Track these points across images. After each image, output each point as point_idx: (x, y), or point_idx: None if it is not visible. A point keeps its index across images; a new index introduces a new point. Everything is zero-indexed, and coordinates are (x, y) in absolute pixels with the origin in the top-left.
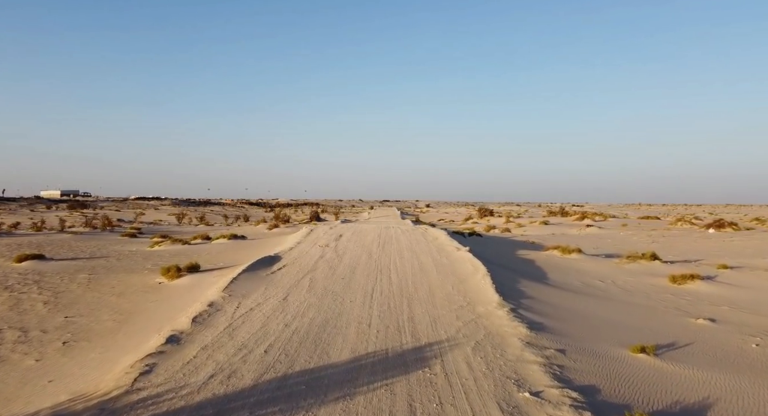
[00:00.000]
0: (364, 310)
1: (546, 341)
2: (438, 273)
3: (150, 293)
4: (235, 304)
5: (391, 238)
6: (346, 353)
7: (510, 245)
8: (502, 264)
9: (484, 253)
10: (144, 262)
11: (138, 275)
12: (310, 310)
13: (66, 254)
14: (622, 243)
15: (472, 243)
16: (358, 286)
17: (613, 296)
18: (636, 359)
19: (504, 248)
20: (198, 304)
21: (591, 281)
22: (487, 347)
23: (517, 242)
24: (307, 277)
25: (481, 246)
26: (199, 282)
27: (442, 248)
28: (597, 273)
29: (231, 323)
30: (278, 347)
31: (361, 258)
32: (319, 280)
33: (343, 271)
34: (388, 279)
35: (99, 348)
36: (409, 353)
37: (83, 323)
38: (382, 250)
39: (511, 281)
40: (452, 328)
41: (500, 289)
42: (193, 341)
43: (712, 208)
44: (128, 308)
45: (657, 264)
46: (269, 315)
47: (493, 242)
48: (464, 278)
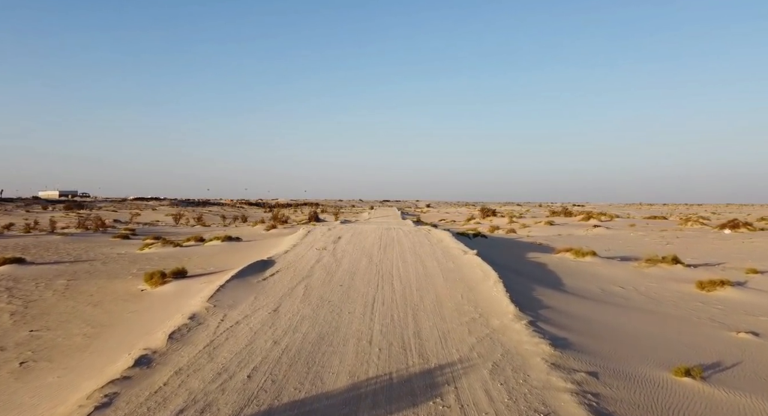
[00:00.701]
0: (364, 323)
1: (574, 361)
2: (445, 280)
3: (130, 302)
4: (220, 316)
5: (393, 240)
6: (343, 378)
7: (518, 247)
8: (512, 269)
9: (492, 256)
10: (130, 266)
11: (121, 281)
12: (303, 323)
13: (49, 258)
14: (635, 245)
15: (477, 245)
16: (357, 294)
17: (637, 304)
18: (681, 384)
19: (512, 250)
20: (178, 316)
21: (610, 287)
22: (506, 369)
23: (524, 244)
24: (302, 284)
25: (487, 249)
26: (185, 290)
27: (448, 252)
28: (616, 278)
29: (213, 339)
30: (264, 370)
31: (361, 263)
32: (314, 287)
33: (342, 277)
34: (391, 287)
35: (60, 370)
36: (417, 378)
37: (49, 338)
38: (383, 253)
39: (525, 288)
40: (465, 345)
41: (515, 298)
42: (166, 362)
43: (713, 208)
44: (103, 320)
45: (679, 268)
46: (257, 329)
47: (499, 243)
48: (474, 286)
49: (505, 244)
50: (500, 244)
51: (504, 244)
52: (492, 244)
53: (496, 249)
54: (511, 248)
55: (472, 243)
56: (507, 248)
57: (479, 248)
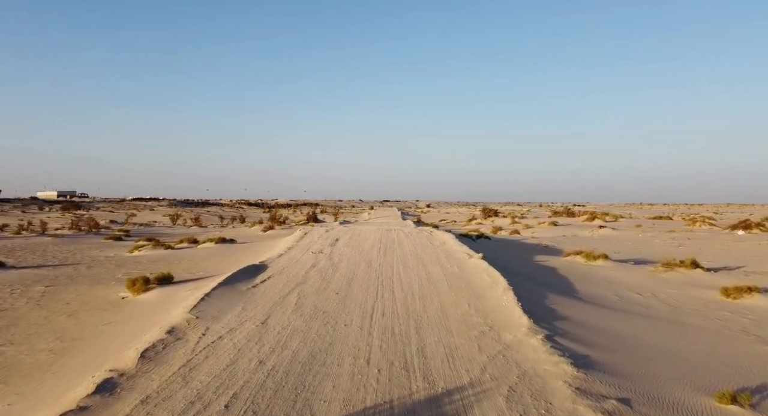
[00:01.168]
0: (361, 338)
1: (601, 385)
2: (450, 286)
3: (108, 311)
4: (202, 330)
5: (393, 242)
6: (336, 407)
7: (524, 250)
8: (520, 273)
9: (497, 260)
10: (116, 270)
11: (103, 287)
12: (294, 338)
13: (33, 261)
14: (645, 247)
15: (481, 247)
16: (355, 304)
17: (660, 314)
18: (729, 414)
19: (518, 253)
20: (156, 330)
21: (628, 294)
22: (525, 396)
23: (530, 246)
24: (295, 292)
25: (492, 251)
26: (169, 297)
27: (452, 255)
28: (632, 284)
29: (190, 358)
30: (246, 398)
31: (360, 267)
32: (308, 296)
33: (338, 284)
34: (391, 294)
35: (12, 395)
36: (422, 407)
37: (11, 354)
38: (383, 257)
39: (536, 295)
40: (475, 365)
41: (527, 307)
42: (133, 388)
43: (714, 208)
44: (74, 333)
45: (699, 273)
46: (242, 346)
47: (504, 245)
48: (481, 293)
49: (510, 246)
50: (505, 246)
51: (509, 246)
52: (496, 246)
53: (502, 252)
54: (516, 250)
55: (475, 245)
56: (512, 250)
57: (484, 250)
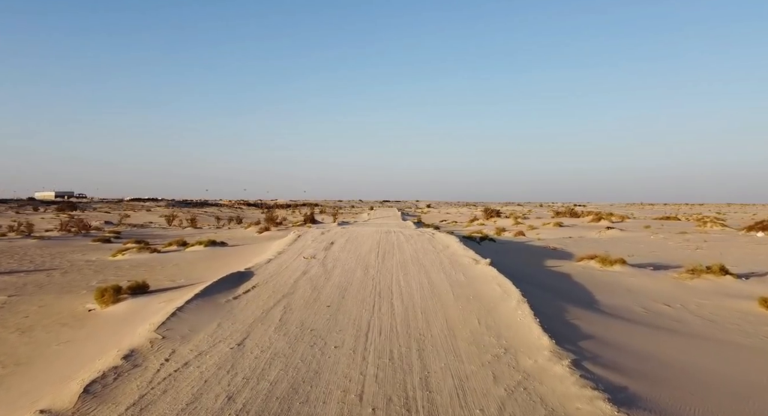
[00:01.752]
0: (354, 364)
1: None
2: (456, 298)
3: (69, 326)
4: (166, 354)
5: (393, 246)
6: None
7: (532, 254)
8: (533, 281)
9: (506, 265)
10: (93, 277)
11: (72, 297)
12: (273, 365)
13: (7, 266)
14: (660, 250)
15: (487, 251)
16: (348, 319)
17: (695, 330)
18: None
19: (526, 257)
20: (113, 353)
21: (654, 305)
22: None
23: (537, 249)
24: (281, 305)
25: (499, 255)
26: (140, 310)
27: (456, 260)
28: (657, 293)
29: (144, 394)
30: None
31: (355, 275)
32: (295, 309)
33: (330, 295)
34: (390, 307)
35: None
36: None
37: None
38: (381, 263)
39: (553, 308)
40: (492, 402)
41: (546, 324)
42: None
43: (715, 207)
44: (22, 355)
45: (729, 280)
46: (210, 375)
47: (510, 248)
48: (492, 306)
49: (517, 249)
50: (511, 249)
51: (515, 249)
52: (502, 249)
53: (509, 256)
54: (524, 254)
55: (480, 249)
56: (520, 254)
57: (489, 254)
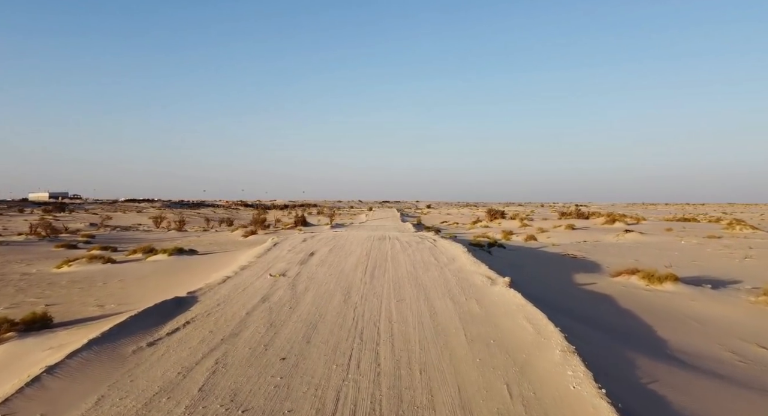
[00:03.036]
0: None
1: None
2: (470, 342)
3: None
4: None
5: (386, 257)
6: None
7: (553, 264)
8: (568, 310)
9: (527, 282)
10: (12, 296)
11: None
12: None
13: None
14: (702, 259)
15: (500, 262)
16: (307, 388)
17: None
18: None
19: (548, 269)
20: None
21: (744, 347)
22: None
23: (557, 258)
24: (213, 357)
25: (516, 269)
26: (11, 363)
27: (466, 279)
28: (738, 327)
29: None
30: None
31: (332, 302)
32: (232, 366)
33: (291, 337)
34: (374, 361)
35: None
36: None
37: None
38: (369, 283)
39: (612, 357)
40: None
41: (613, 393)
42: None
43: (720, 207)
44: None
45: None
46: None
47: (525, 257)
48: (525, 360)
49: (533, 258)
50: (526, 257)
51: (531, 257)
52: (516, 259)
53: (527, 269)
54: (544, 264)
55: (492, 261)
56: (538, 264)
57: (504, 266)
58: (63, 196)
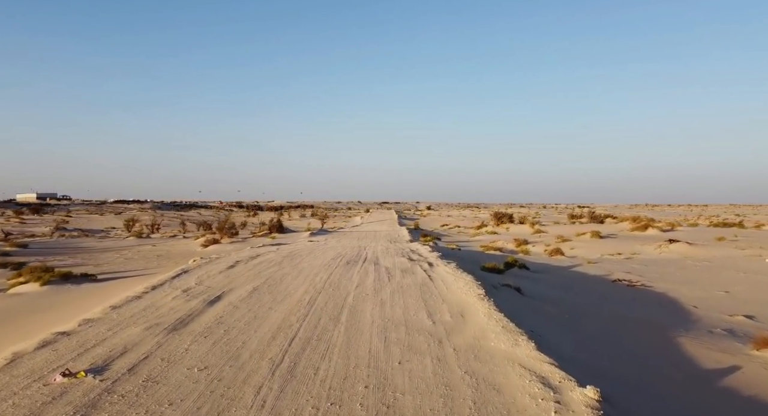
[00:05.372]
0: None
1: None
2: None
3: None
4: None
5: (341, 309)
6: None
7: (616, 304)
8: None
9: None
10: None
11: None
12: None
13: None
14: None
15: (534, 307)
16: None
17: None
18: None
19: (615, 318)
20: None
21: None
22: None
23: (610, 289)
24: None
25: (564, 323)
26: None
27: (500, 389)
28: None
29: None
30: None
31: None
32: None
33: None
34: None
35: None
36: None
37: None
38: (277, 398)
39: None
40: None
41: None
42: None
43: (725, 208)
44: None
45: None
46: None
47: (565, 289)
48: None
49: (575, 288)
50: (567, 290)
51: (573, 289)
52: (554, 293)
53: (586, 325)
54: (603, 306)
55: (523, 304)
56: (594, 306)
57: (546, 319)
58: (51, 197)
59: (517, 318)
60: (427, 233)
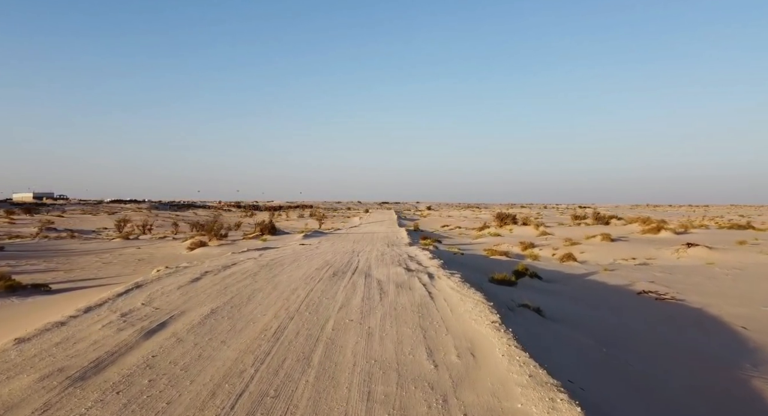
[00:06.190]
0: None
1: None
2: None
3: None
4: None
5: (314, 344)
6: None
7: (652, 329)
8: None
9: None
10: None
11: None
12: None
13: None
14: None
15: (558, 330)
16: None
17: None
18: None
19: (654, 353)
20: None
21: None
22: None
23: (636, 303)
24: None
25: (599, 366)
26: None
27: None
28: None
29: None
30: None
31: None
32: None
33: None
34: None
35: None
36: None
37: None
38: None
39: None
40: None
41: None
42: None
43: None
44: None
45: None
46: None
47: (586, 304)
48: None
49: (597, 303)
50: (587, 305)
51: (594, 304)
52: (576, 311)
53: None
54: (634, 331)
55: (545, 328)
56: (624, 331)
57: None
58: (48, 196)
59: (544, 357)
60: (427, 235)
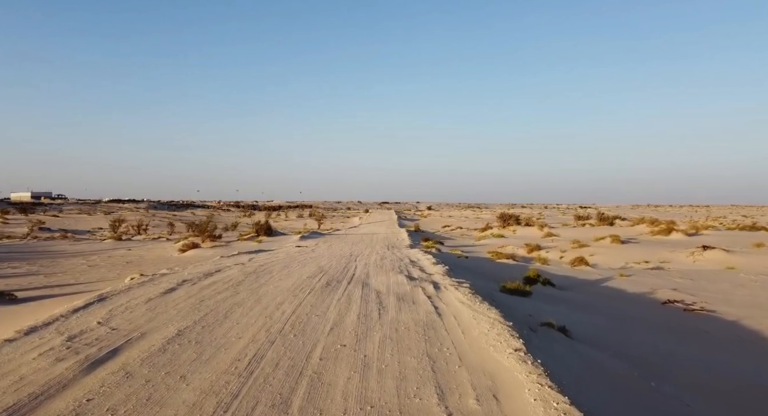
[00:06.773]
0: None
1: None
2: None
3: None
4: None
5: (295, 383)
6: None
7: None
8: None
9: None
10: None
11: None
12: None
13: None
14: None
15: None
16: None
17: None
18: None
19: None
20: None
21: None
22: None
23: (663, 316)
24: None
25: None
26: None
27: None
28: None
29: None
30: None
31: None
32: None
33: None
34: None
35: None
36: None
37: None
38: None
39: None
40: None
41: None
42: None
43: (729, 209)
44: None
45: None
46: None
47: (609, 319)
48: None
49: (622, 318)
50: (612, 320)
51: (619, 319)
52: (603, 329)
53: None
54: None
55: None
56: (681, 366)
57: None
58: (45, 196)
59: (583, 398)
60: (428, 236)
